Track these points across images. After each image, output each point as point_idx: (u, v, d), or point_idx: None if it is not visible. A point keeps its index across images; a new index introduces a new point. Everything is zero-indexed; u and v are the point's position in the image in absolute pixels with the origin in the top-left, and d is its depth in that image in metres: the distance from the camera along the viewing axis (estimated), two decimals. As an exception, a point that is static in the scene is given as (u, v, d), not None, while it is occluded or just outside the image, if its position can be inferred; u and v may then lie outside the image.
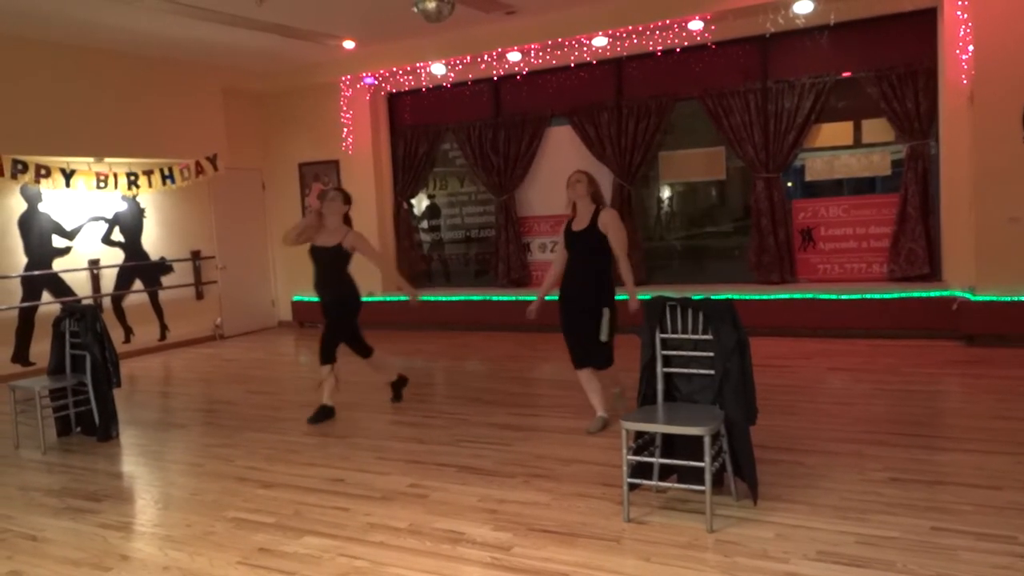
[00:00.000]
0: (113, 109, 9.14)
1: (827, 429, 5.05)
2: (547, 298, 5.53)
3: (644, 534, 3.59)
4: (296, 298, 11.39)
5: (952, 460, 4.38)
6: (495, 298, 10.01)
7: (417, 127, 10.84)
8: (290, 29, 8.68)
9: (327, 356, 6.01)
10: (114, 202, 9.70)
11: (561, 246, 5.42)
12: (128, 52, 9.26)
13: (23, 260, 8.76)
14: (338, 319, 6.04)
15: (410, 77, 10.41)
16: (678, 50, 8.92)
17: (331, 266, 5.99)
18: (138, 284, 10.01)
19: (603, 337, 5.12)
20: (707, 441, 3.53)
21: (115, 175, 9.35)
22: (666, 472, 3.95)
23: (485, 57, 9.67)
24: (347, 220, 6.11)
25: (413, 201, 11.19)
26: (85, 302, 9.00)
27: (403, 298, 6.48)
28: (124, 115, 9.24)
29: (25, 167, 8.39)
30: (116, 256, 9.77)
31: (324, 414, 6.01)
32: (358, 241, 6.04)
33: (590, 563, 3.33)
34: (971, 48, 7.22)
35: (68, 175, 8.85)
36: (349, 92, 10.76)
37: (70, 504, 4.48)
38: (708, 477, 3.55)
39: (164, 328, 10.29)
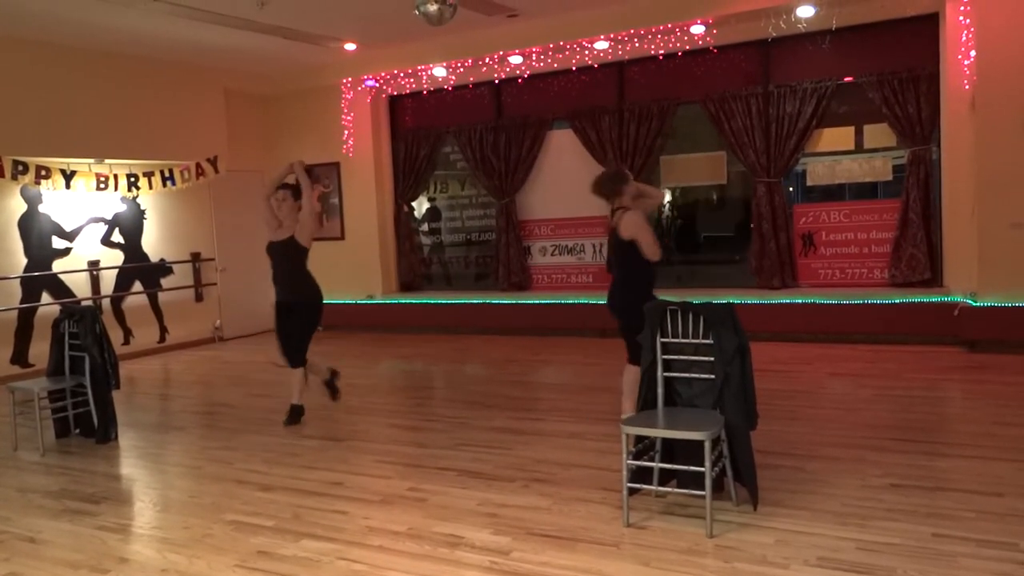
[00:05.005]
0: (114, 111, 9.14)
1: (828, 434, 5.04)
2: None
3: (644, 539, 3.58)
4: (296, 300, 11.36)
5: (953, 466, 4.37)
6: (495, 301, 10.00)
7: (418, 130, 10.83)
8: (292, 31, 8.68)
9: (299, 359, 5.98)
10: (114, 203, 9.69)
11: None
12: (129, 54, 9.26)
13: (23, 261, 8.75)
14: (305, 321, 5.96)
15: (411, 80, 10.41)
16: (680, 54, 8.92)
17: (286, 262, 5.92)
18: (138, 286, 10.00)
19: None
20: (707, 446, 3.52)
21: (115, 176, 9.34)
22: (666, 477, 3.94)
23: (486, 60, 9.66)
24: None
25: (414, 204, 11.18)
26: (85, 303, 9.00)
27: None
28: (125, 117, 9.24)
29: (25, 168, 8.38)
30: (116, 257, 9.76)
31: (295, 414, 6.02)
32: (302, 218, 5.88)
33: (589, 568, 3.32)
34: (973, 53, 7.21)
35: (68, 176, 8.84)
36: (350, 95, 10.75)
37: (68, 506, 4.47)
38: (708, 482, 3.54)
39: (164, 330, 10.28)
